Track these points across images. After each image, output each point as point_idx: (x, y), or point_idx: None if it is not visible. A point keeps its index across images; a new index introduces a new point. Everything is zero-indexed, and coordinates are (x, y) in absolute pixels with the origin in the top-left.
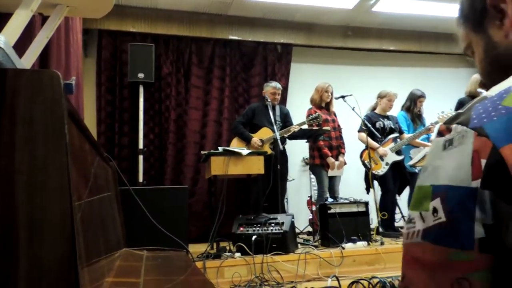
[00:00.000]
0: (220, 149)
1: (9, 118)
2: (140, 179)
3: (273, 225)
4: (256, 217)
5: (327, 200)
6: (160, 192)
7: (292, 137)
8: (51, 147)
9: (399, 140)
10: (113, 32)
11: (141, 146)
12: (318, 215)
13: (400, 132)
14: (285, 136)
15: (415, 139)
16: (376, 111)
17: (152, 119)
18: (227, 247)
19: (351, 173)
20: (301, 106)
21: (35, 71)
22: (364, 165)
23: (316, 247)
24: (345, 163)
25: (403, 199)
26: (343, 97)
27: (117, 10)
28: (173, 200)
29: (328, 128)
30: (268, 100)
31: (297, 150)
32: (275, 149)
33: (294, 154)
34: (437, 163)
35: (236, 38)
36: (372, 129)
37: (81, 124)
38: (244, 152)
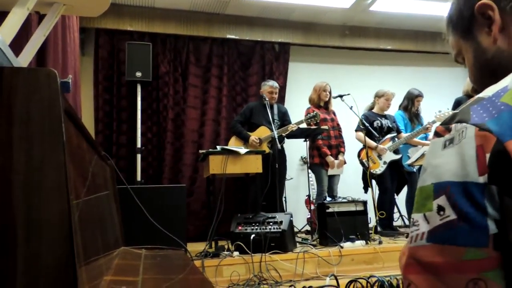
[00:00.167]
0: (219, 148)
1: (6, 117)
2: (138, 178)
3: (271, 224)
4: (255, 216)
5: (326, 199)
6: (158, 191)
7: (290, 136)
8: (48, 146)
9: (396, 139)
10: (110, 31)
11: (139, 145)
12: (317, 214)
13: (398, 131)
14: (283, 135)
15: (413, 138)
16: (374, 110)
17: (150, 118)
18: (226, 246)
19: (349, 172)
20: (299, 105)
21: (32, 70)
22: (362, 164)
23: (314, 246)
24: (345, 162)
25: (401, 198)
26: (340, 96)
27: (114, 8)
28: (171, 199)
29: (326, 127)
30: (266, 99)
31: (296, 149)
32: (273, 148)
33: (293, 153)
34: (437, 162)
35: (233, 37)
36: (370, 128)
37: (79, 123)
38: (242, 151)
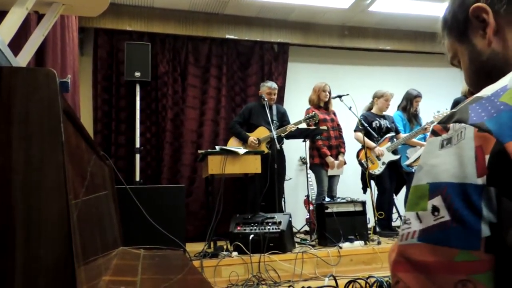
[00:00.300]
0: (217, 148)
1: (5, 117)
2: (137, 178)
3: (270, 224)
4: (253, 216)
5: (324, 199)
6: (157, 191)
7: (289, 136)
8: (47, 146)
9: (395, 139)
10: (109, 31)
11: (137, 145)
12: (315, 215)
13: (397, 131)
14: (282, 135)
15: (412, 139)
16: (373, 110)
17: (148, 118)
18: (224, 246)
19: (348, 173)
20: (298, 105)
21: (31, 69)
22: (361, 164)
23: (313, 246)
24: (345, 163)
25: (400, 198)
26: (339, 96)
27: (113, 8)
28: (170, 199)
29: (325, 128)
30: (265, 100)
31: (294, 150)
32: (272, 149)
33: (292, 154)
34: (434, 161)
35: (232, 37)
36: (368, 129)
37: (77, 123)
38: (241, 151)
